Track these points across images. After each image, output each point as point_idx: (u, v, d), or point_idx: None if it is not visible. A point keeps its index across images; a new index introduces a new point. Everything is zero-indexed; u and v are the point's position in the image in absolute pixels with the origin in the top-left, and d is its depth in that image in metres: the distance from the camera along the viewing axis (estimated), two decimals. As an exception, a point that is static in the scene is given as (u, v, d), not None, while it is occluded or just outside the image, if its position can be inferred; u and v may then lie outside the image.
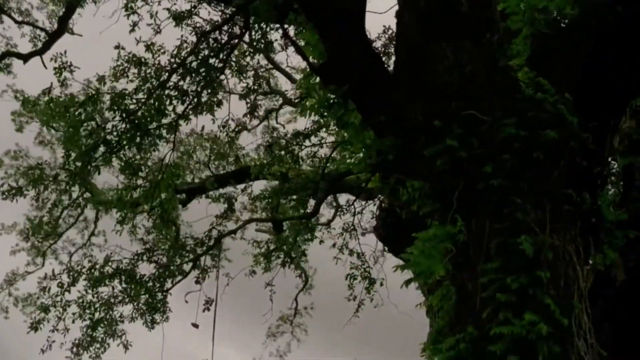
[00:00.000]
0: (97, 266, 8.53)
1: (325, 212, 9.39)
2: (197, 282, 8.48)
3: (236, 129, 8.43)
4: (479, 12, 4.65)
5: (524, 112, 4.73)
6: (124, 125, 6.04)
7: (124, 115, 5.93)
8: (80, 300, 8.68)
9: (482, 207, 4.87)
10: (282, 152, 7.49)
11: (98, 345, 8.74)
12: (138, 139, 6.05)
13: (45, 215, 12.40)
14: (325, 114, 5.75)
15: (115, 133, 6.01)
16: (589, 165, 4.93)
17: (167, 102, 6.40)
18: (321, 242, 8.69)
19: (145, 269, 8.32)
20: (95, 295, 8.51)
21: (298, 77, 10.97)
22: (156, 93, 6.44)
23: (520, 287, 4.35)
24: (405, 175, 5.58)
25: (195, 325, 8.79)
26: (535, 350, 4.23)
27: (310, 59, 5.95)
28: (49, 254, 14.00)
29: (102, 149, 6.05)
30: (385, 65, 5.99)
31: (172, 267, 8.23)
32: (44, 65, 10.50)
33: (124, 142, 6.06)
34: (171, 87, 6.40)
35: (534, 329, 4.21)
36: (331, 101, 5.64)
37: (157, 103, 6.28)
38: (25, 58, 12.00)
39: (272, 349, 11.58)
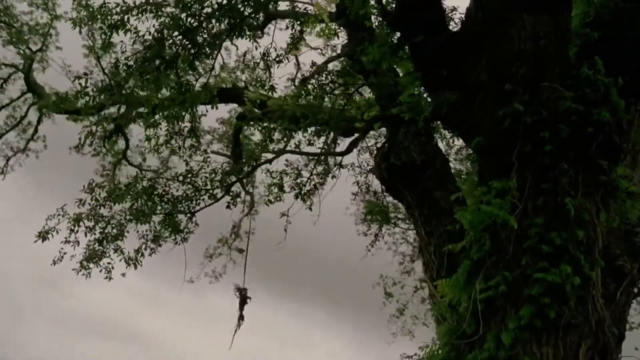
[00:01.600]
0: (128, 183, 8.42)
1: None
2: (227, 207, 8.61)
3: (276, 58, 8.35)
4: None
5: (579, 89, 5.25)
6: (179, 41, 5.90)
7: (182, 29, 5.77)
8: (93, 213, 8.61)
9: (525, 167, 5.45)
10: (315, 87, 7.63)
11: (107, 261, 8.76)
12: (192, 57, 5.96)
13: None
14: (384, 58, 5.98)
15: (170, 47, 5.87)
16: (620, 141, 5.61)
17: (209, 20, 6.28)
18: (333, 177, 9.08)
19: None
20: (117, 211, 8.45)
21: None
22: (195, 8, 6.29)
23: (561, 242, 5.02)
24: (453, 128, 6.02)
25: (240, 250, 8.97)
26: (564, 295, 4.97)
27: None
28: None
29: (156, 63, 5.90)
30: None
31: (203, 190, 8.25)
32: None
33: (180, 59, 5.93)
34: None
35: (569, 279, 4.92)
36: (393, 48, 5.87)
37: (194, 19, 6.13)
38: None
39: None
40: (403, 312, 15.29)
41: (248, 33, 6.45)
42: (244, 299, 8.41)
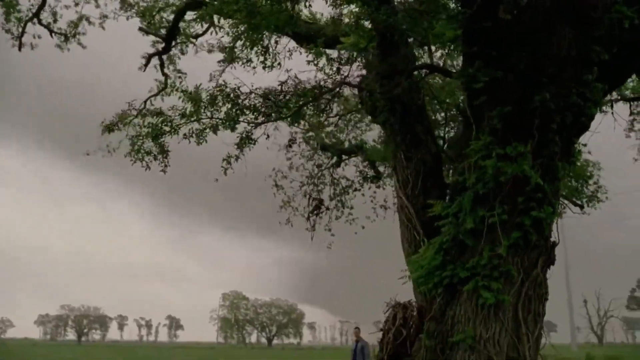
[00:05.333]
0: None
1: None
2: (292, 124, 9.19)
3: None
4: (600, 16, 6.94)
5: (581, 88, 7.37)
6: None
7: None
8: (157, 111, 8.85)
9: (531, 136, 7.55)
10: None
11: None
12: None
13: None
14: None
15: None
16: (588, 124, 7.96)
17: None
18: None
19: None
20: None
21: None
22: None
23: (548, 191, 7.31)
24: (483, 94, 7.81)
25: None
26: (542, 227, 7.37)
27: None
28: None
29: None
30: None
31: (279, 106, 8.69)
32: None
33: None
34: None
35: (549, 216, 7.30)
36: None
37: None
38: None
39: None
40: (289, 203, 17.35)
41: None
42: (317, 207, 9.56)
